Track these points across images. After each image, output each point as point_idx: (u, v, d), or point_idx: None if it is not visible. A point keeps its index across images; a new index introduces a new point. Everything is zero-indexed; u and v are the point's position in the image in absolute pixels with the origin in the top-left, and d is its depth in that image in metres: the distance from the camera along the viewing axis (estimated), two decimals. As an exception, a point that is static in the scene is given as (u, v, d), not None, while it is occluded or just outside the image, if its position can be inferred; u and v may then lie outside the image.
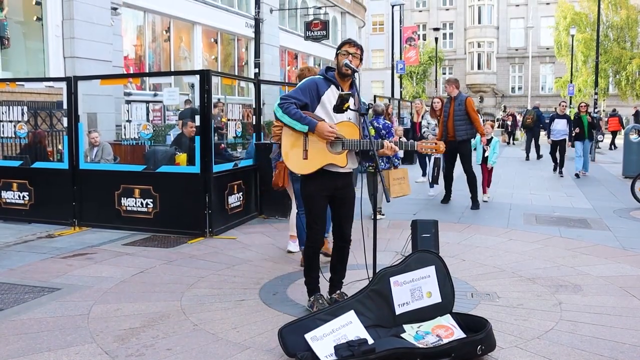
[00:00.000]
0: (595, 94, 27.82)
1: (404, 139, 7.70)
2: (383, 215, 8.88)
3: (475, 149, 13.09)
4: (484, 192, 10.62)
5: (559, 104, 16.06)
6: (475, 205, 9.83)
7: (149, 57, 19.55)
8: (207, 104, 7.46)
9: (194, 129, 8.78)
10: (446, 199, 10.40)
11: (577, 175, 14.55)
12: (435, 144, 4.47)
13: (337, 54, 4.47)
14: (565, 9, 41.42)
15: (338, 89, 4.40)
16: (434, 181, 10.83)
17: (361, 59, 4.50)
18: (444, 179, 10.61)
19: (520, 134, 32.28)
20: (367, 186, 8.29)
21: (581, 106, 15.23)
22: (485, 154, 10.51)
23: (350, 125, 4.38)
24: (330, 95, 4.38)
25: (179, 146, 9.82)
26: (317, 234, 4.50)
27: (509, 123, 30.65)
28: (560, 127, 15.14)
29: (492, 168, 10.76)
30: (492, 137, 10.62)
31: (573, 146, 14.84)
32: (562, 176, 14.73)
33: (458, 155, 9.95)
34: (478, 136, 10.45)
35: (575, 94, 40.48)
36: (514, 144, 29.57)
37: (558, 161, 15.34)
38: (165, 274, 5.76)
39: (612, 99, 44.09)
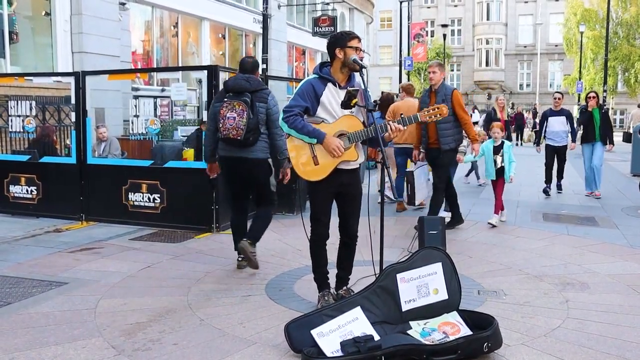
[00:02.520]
0: (604, 91, 27.64)
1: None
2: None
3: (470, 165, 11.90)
4: (496, 212, 8.12)
5: (553, 97, 11.34)
6: (455, 222, 7.78)
7: (157, 53, 19.59)
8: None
9: None
10: (454, 221, 7.87)
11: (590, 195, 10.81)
12: (438, 108, 4.44)
13: (343, 47, 4.32)
14: (575, 6, 41.26)
15: (335, 86, 4.37)
16: (409, 202, 8.33)
17: None
18: (445, 198, 7.87)
19: (529, 135, 29.60)
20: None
21: (589, 97, 10.87)
22: (498, 165, 8.05)
23: (350, 117, 4.35)
24: (329, 94, 4.34)
25: (188, 142, 9.85)
26: (322, 228, 4.50)
27: (537, 121, 28.73)
28: (557, 127, 10.92)
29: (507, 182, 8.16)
30: (502, 142, 8.18)
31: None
32: (560, 192, 11.24)
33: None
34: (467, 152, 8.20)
35: (584, 91, 40.33)
36: (521, 144, 26.74)
37: (556, 174, 11.25)
38: (172, 269, 5.77)
39: (620, 97, 43.92)
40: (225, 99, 5.39)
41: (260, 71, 5.67)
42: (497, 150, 8.06)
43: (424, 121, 4.53)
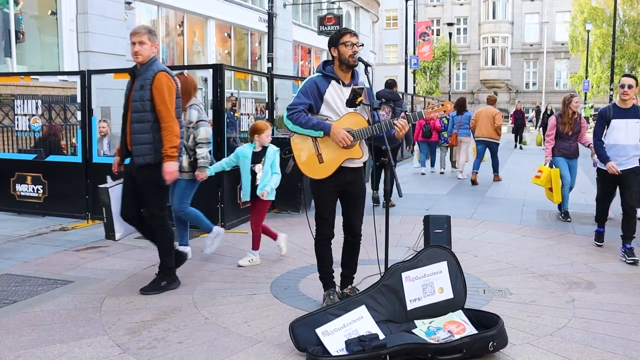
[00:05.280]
0: (611, 89, 27.44)
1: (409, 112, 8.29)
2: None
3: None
4: (255, 247, 5.98)
5: (621, 85, 6.40)
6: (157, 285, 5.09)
7: (163, 52, 19.61)
8: (220, 98, 7.46)
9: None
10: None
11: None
12: (442, 104, 4.42)
13: (336, 45, 4.35)
14: (582, 4, 41.06)
15: (339, 83, 4.36)
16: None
17: None
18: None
19: (537, 137, 25.95)
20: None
21: None
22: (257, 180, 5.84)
23: (354, 115, 4.35)
24: (333, 92, 4.35)
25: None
26: (327, 227, 4.49)
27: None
28: (625, 137, 6.36)
29: (268, 202, 5.99)
30: (266, 147, 5.92)
31: None
32: (632, 261, 6.03)
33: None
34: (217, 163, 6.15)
35: (590, 90, 40.15)
36: (521, 147, 24.15)
37: (621, 225, 6.35)
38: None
39: (627, 95, 43.62)
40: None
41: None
42: (259, 158, 5.90)
43: (429, 118, 4.51)
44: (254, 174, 5.84)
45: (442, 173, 14.68)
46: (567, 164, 8.36)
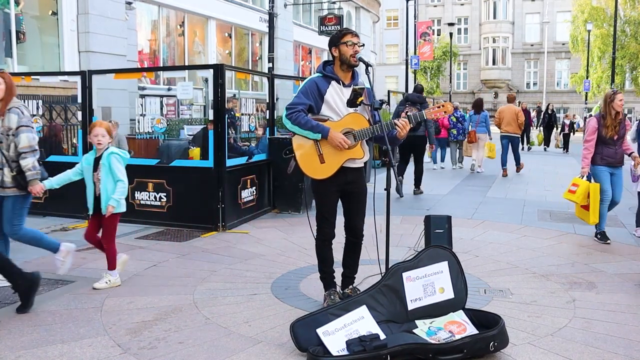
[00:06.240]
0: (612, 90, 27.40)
1: (411, 113, 8.44)
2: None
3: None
4: (111, 267, 5.23)
5: None
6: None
7: (163, 52, 19.62)
8: (220, 98, 7.46)
9: None
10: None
11: None
12: (443, 105, 4.42)
13: (337, 45, 4.36)
14: (582, 4, 41.03)
15: (339, 84, 4.37)
16: None
17: None
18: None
19: (538, 137, 25.27)
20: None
21: None
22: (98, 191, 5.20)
23: (355, 115, 4.35)
24: (333, 92, 4.35)
25: (194, 141, 9.85)
26: (328, 227, 4.49)
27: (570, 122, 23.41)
28: None
29: (116, 216, 5.24)
30: (110, 149, 5.20)
31: None
32: None
33: None
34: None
35: (591, 90, 40.10)
36: (529, 148, 23.60)
37: None
38: (178, 268, 5.77)
39: (627, 95, 43.51)
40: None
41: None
42: (98, 164, 5.18)
43: (430, 119, 4.52)
44: (94, 183, 5.17)
45: (459, 168, 15.48)
46: (609, 175, 6.99)
